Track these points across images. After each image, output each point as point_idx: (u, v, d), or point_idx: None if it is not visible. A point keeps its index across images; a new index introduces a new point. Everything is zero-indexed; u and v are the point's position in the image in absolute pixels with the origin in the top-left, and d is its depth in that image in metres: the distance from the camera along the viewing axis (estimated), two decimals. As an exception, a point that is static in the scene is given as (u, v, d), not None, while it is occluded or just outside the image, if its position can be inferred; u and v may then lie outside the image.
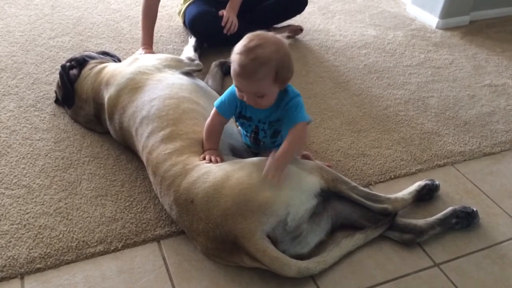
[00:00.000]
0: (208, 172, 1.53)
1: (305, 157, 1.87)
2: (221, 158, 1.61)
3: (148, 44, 2.49)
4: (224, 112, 1.63)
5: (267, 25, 2.85)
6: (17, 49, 2.59)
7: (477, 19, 3.38)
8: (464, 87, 2.61)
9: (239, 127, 1.76)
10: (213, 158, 1.58)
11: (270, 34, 1.49)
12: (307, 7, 2.90)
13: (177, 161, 1.58)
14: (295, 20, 3.01)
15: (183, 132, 1.66)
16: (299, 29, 2.95)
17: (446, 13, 3.21)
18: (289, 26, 2.94)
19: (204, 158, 1.59)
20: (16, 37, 2.69)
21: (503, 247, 1.68)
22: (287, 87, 1.57)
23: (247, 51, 1.44)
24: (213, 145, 1.64)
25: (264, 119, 1.62)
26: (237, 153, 1.73)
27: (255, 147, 1.74)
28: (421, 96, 2.50)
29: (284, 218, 1.45)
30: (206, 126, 1.65)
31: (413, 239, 1.64)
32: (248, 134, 1.71)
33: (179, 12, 2.84)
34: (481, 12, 3.39)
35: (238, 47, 1.47)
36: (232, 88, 1.61)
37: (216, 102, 1.64)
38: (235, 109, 1.63)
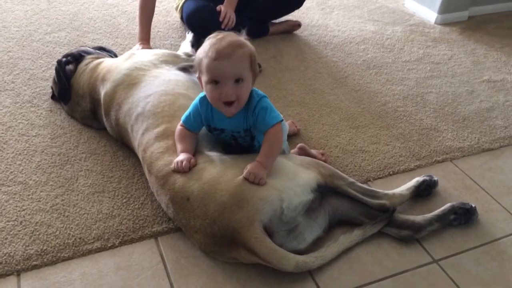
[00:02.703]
0: (202, 169, 1.52)
1: (301, 148, 1.87)
2: (191, 161, 1.53)
3: (145, 39, 2.47)
4: (190, 126, 1.60)
5: (265, 21, 2.85)
6: (13, 44, 2.57)
7: (475, 15, 3.37)
8: (463, 82, 2.60)
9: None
10: (184, 164, 1.51)
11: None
12: (305, 2, 2.89)
13: (169, 161, 1.57)
14: (293, 15, 2.99)
15: None
16: (297, 24, 2.93)
17: (444, 9, 3.20)
18: (287, 21, 2.93)
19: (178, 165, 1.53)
20: (12, 32, 2.67)
21: (502, 243, 1.68)
22: (252, 91, 1.54)
23: (219, 40, 1.45)
24: (185, 149, 1.56)
25: (237, 129, 1.58)
26: (229, 149, 1.71)
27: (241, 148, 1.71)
28: (419, 91, 2.49)
29: (279, 205, 1.44)
30: (176, 133, 1.60)
31: (412, 235, 1.63)
32: (229, 142, 1.66)
33: (177, 7, 2.82)
34: (480, 7, 3.38)
35: (207, 44, 1.47)
36: (196, 101, 1.58)
37: (183, 116, 1.60)
38: (201, 123, 1.59)
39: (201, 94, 1.58)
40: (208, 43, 1.47)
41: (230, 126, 1.58)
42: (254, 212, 1.42)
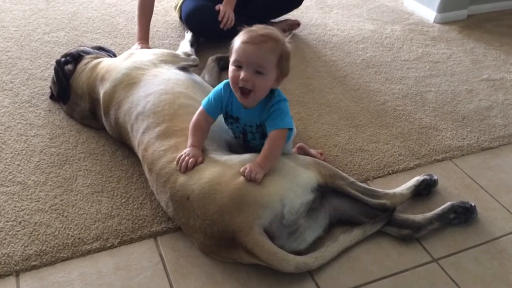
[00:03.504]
0: (204, 168, 1.51)
1: (300, 148, 1.87)
2: (199, 159, 1.53)
3: (144, 39, 2.47)
4: (210, 111, 1.59)
5: (265, 20, 2.84)
6: (11, 44, 2.56)
7: (475, 13, 3.36)
8: (462, 81, 2.60)
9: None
10: (190, 161, 1.51)
11: None
12: (304, 1, 2.89)
13: (172, 158, 1.57)
14: (292, 15, 2.99)
15: (179, 128, 1.65)
16: (296, 24, 2.93)
17: (443, 7, 3.20)
18: (286, 20, 2.93)
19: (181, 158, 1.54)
20: (11, 32, 2.66)
21: (502, 242, 1.68)
22: (275, 90, 1.55)
23: (259, 29, 1.48)
24: (196, 143, 1.57)
25: (250, 122, 1.58)
26: (233, 149, 1.71)
27: (246, 147, 1.71)
28: (419, 90, 2.49)
29: (280, 210, 1.44)
30: (191, 123, 1.60)
31: (411, 234, 1.63)
32: (237, 135, 1.68)
33: (176, 6, 2.82)
34: (479, 6, 3.38)
35: (247, 29, 1.50)
36: (218, 87, 1.59)
37: (204, 101, 1.61)
38: (221, 109, 1.60)
39: (226, 80, 1.59)
40: (249, 28, 1.50)
41: (246, 117, 1.58)
42: (254, 217, 1.42)
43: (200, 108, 1.61)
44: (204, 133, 1.60)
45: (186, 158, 1.53)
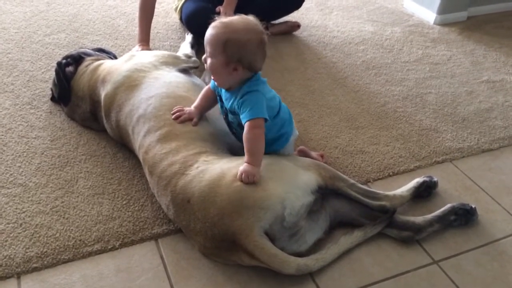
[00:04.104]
0: (204, 170, 1.52)
1: (301, 151, 1.87)
2: (193, 120, 1.68)
3: (144, 40, 2.47)
4: (213, 85, 1.69)
5: (265, 21, 2.84)
6: (12, 46, 2.57)
7: (474, 15, 3.37)
8: (462, 83, 2.60)
9: None
10: (183, 117, 1.67)
11: (257, 23, 1.57)
12: (304, 3, 2.89)
13: (173, 161, 1.57)
14: (292, 16, 2.99)
15: (180, 131, 1.65)
16: (296, 25, 2.94)
17: (443, 9, 3.20)
18: (286, 22, 2.93)
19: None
20: (11, 34, 2.67)
21: (502, 243, 1.68)
22: (247, 81, 1.54)
23: (227, 17, 1.56)
24: (198, 106, 1.71)
25: (225, 105, 1.61)
26: (233, 151, 1.71)
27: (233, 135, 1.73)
28: (419, 92, 2.49)
29: (281, 213, 1.44)
30: (203, 89, 1.75)
31: (412, 236, 1.63)
32: (223, 116, 1.70)
33: (176, 8, 2.82)
34: (479, 7, 3.38)
35: None
36: None
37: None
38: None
39: None
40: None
41: (224, 97, 1.62)
42: (254, 220, 1.42)
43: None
44: (209, 100, 1.72)
45: (181, 113, 1.68)
